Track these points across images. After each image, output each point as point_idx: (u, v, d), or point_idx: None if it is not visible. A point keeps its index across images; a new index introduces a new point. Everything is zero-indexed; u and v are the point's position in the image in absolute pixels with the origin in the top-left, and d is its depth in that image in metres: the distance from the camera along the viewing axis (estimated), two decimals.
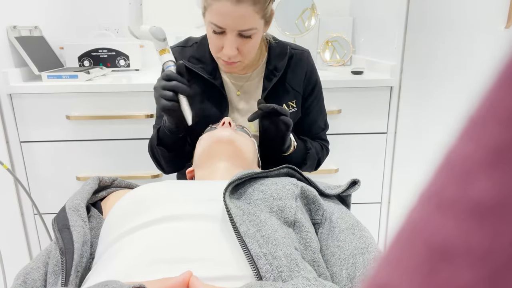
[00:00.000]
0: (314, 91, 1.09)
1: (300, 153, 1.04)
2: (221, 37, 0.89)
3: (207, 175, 0.81)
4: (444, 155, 0.14)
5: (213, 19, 0.86)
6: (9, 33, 1.36)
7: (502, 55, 0.13)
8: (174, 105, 0.88)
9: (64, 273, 0.59)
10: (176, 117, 0.91)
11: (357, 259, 0.60)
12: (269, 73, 1.04)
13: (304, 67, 1.06)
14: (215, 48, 0.93)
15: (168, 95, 0.87)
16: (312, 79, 1.08)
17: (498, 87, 0.12)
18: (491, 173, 0.12)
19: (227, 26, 0.86)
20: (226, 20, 0.85)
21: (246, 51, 0.92)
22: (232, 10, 0.83)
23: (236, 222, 0.57)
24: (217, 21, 0.86)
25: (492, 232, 0.11)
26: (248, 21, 0.86)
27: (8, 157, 1.37)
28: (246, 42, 0.90)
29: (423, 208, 0.14)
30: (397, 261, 0.14)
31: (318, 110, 1.11)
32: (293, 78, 1.05)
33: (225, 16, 0.84)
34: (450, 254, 0.12)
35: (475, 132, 0.13)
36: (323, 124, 1.15)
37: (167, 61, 0.95)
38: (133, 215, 0.63)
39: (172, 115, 0.91)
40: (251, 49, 0.93)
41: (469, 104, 0.14)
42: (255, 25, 0.88)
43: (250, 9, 0.84)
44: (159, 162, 1.05)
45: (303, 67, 1.06)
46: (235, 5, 0.82)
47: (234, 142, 0.83)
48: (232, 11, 0.83)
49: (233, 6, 0.83)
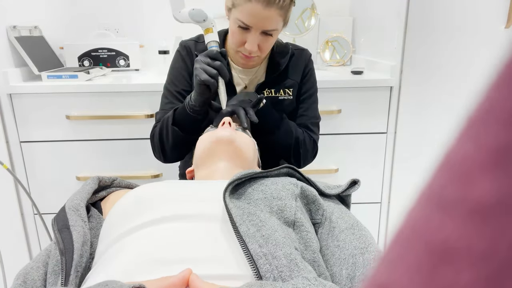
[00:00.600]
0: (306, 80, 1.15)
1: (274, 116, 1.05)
2: (245, 33, 0.98)
3: (207, 175, 0.81)
4: (444, 155, 0.14)
5: (242, 17, 0.95)
6: (9, 33, 1.36)
7: (502, 55, 0.13)
8: (214, 83, 0.92)
9: (64, 273, 0.59)
10: (206, 95, 0.94)
11: (357, 259, 0.60)
12: (272, 67, 1.13)
13: (303, 61, 1.15)
14: (238, 42, 1.01)
15: (212, 72, 0.92)
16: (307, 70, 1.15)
17: (498, 87, 0.12)
18: (491, 173, 0.12)
19: (253, 25, 0.95)
20: (254, 20, 0.94)
21: (265, 48, 1.02)
22: (261, 12, 0.93)
23: (236, 222, 0.57)
24: (246, 19, 0.95)
25: (492, 232, 0.11)
26: (273, 23, 0.96)
27: (8, 157, 1.37)
28: (266, 40, 1.00)
29: (423, 208, 0.14)
30: (397, 261, 0.14)
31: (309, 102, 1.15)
32: (292, 72, 1.14)
33: (254, 17, 0.94)
34: (450, 254, 0.12)
35: (475, 132, 0.13)
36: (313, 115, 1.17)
37: (211, 41, 1.00)
38: (133, 215, 0.63)
39: (205, 93, 0.94)
40: (269, 46, 1.03)
41: (469, 104, 0.14)
42: (277, 26, 0.98)
43: (277, 13, 0.94)
44: (163, 147, 1.05)
45: (302, 62, 1.15)
46: (264, 8, 0.92)
47: (234, 142, 0.83)
48: (261, 13, 0.93)
49: (263, 9, 0.92)
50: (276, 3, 0.92)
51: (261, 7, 0.92)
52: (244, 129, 0.93)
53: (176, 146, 1.03)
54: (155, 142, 1.06)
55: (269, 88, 1.12)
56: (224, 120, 0.90)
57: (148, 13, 1.81)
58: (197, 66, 0.93)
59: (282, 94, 1.12)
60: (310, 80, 1.16)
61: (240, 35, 0.98)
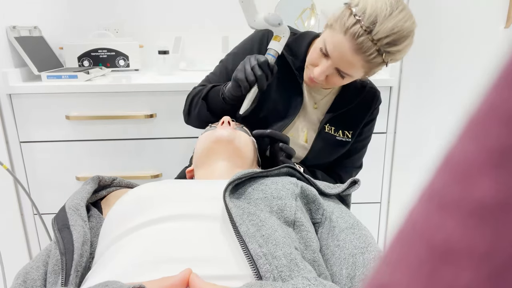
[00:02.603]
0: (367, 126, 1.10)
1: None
2: (322, 57, 0.90)
3: (207, 175, 0.81)
4: (444, 155, 0.14)
5: (328, 44, 0.87)
6: (8, 33, 1.36)
7: (503, 55, 0.13)
8: (246, 87, 0.89)
9: (64, 273, 0.59)
10: (237, 94, 0.92)
11: (357, 258, 0.60)
12: (340, 98, 1.06)
13: (373, 105, 1.08)
14: (311, 61, 0.94)
15: (250, 77, 0.88)
16: (372, 117, 1.10)
17: (499, 87, 0.12)
18: (493, 173, 0.12)
19: (333, 58, 0.88)
20: (336, 55, 0.86)
21: (332, 82, 0.94)
22: (347, 53, 0.84)
23: (236, 222, 0.57)
24: (330, 49, 0.87)
25: (493, 232, 0.11)
26: (352, 69, 0.88)
27: (7, 157, 1.37)
28: (337, 77, 0.91)
29: (423, 208, 0.14)
30: (398, 261, 0.14)
31: (359, 147, 1.11)
32: (358, 111, 1.06)
33: (338, 52, 0.85)
34: (451, 254, 0.12)
35: (476, 132, 0.13)
36: (358, 162, 1.14)
37: (272, 48, 0.95)
38: (133, 215, 0.63)
39: (236, 90, 0.92)
40: (337, 83, 0.95)
41: (469, 104, 0.14)
42: (354, 74, 0.90)
43: (360, 64, 0.85)
44: (190, 111, 1.06)
45: (372, 104, 1.08)
46: (352, 52, 0.83)
47: (234, 141, 0.83)
48: (346, 54, 0.84)
49: (350, 52, 0.83)
50: (366, 54, 0.82)
51: (349, 49, 0.83)
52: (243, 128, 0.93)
53: (199, 117, 1.04)
54: (186, 103, 1.08)
55: (330, 124, 1.05)
56: (223, 119, 0.90)
57: (148, 13, 1.81)
58: (243, 62, 0.92)
59: (340, 135, 1.05)
60: (370, 129, 1.11)
61: (317, 57, 0.91)
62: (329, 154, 1.07)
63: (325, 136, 1.04)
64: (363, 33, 0.80)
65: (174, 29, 1.80)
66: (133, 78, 1.50)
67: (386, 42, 0.81)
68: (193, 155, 0.94)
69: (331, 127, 1.05)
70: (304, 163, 1.07)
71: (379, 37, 0.80)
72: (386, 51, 0.83)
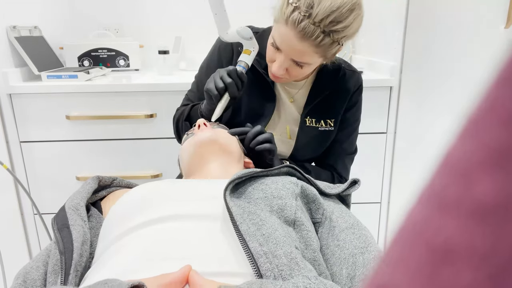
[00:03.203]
0: (351, 110, 1.07)
1: None
2: (276, 52, 0.90)
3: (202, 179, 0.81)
4: (444, 155, 0.14)
5: (275, 37, 0.87)
6: (9, 33, 1.36)
7: (502, 55, 0.13)
8: (217, 96, 0.90)
9: (63, 272, 0.59)
10: (211, 105, 0.93)
11: (357, 258, 0.60)
12: (317, 87, 1.03)
13: (352, 88, 1.05)
14: (268, 58, 0.94)
15: (219, 86, 0.89)
16: (354, 99, 1.06)
17: (499, 87, 0.12)
18: (493, 173, 0.12)
19: (283, 51, 0.87)
20: (285, 47, 0.86)
21: (294, 75, 0.93)
22: (294, 42, 0.83)
23: (237, 221, 0.57)
24: (278, 42, 0.86)
25: (494, 232, 0.11)
26: (305, 57, 0.86)
27: (8, 157, 1.37)
28: (296, 68, 0.90)
29: (423, 208, 0.14)
30: (398, 262, 0.14)
31: (349, 131, 1.09)
32: (338, 97, 1.04)
33: (286, 43, 0.85)
34: (451, 254, 0.12)
35: (476, 132, 0.13)
36: (350, 148, 1.12)
37: (241, 60, 0.97)
38: (133, 214, 0.63)
39: (209, 102, 0.93)
40: (299, 75, 0.93)
41: (469, 104, 0.14)
42: (310, 61, 0.87)
43: (311, 49, 0.83)
44: (179, 134, 1.09)
45: (350, 88, 1.04)
46: (298, 40, 0.82)
47: (217, 140, 0.83)
48: (293, 43, 0.83)
49: (296, 40, 0.82)
50: (311, 39, 0.80)
51: (294, 37, 0.81)
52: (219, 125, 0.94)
53: None
54: (174, 126, 1.10)
55: (311, 117, 1.03)
56: (198, 123, 0.89)
57: (148, 13, 1.81)
58: (213, 74, 0.93)
59: (323, 125, 1.04)
60: (355, 113, 1.08)
61: (272, 53, 0.91)
62: (316, 147, 1.07)
63: (307, 129, 1.04)
64: (302, 19, 0.79)
65: (174, 29, 1.80)
66: (133, 78, 1.50)
67: (328, 21, 0.79)
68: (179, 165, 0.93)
69: (312, 119, 1.04)
70: (293, 159, 1.07)
71: (320, 18, 0.78)
72: (332, 31, 0.80)
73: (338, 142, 1.08)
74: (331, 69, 1.02)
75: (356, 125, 1.10)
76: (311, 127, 1.04)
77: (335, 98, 1.04)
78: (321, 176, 1.07)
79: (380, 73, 1.51)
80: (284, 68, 0.90)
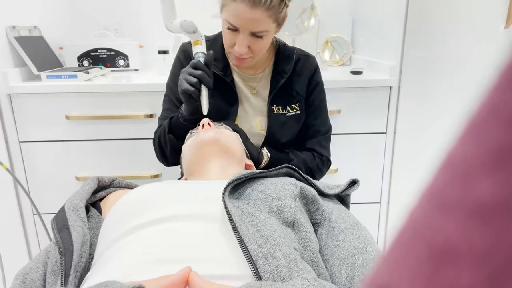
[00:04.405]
0: (314, 92, 1.11)
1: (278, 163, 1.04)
2: (235, 34, 0.95)
3: (203, 179, 0.81)
4: (445, 155, 0.14)
5: (228, 18, 0.92)
6: (8, 33, 1.36)
7: (504, 56, 0.13)
8: (195, 92, 0.92)
9: (63, 273, 0.59)
10: (192, 104, 0.94)
11: (356, 259, 0.60)
12: (276, 74, 1.09)
13: (309, 71, 1.10)
14: (228, 43, 0.98)
15: (192, 81, 0.91)
16: (314, 82, 1.11)
17: (500, 87, 0.12)
18: (493, 173, 0.12)
19: (240, 26, 0.92)
20: (240, 21, 0.91)
21: (257, 50, 0.97)
22: (246, 13, 0.88)
23: (236, 222, 0.57)
24: (232, 20, 0.91)
25: (494, 233, 0.11)
26: (261, 24, 0.91)
27: (7, 157, 1.37)
28: (257, 42, 0.95)
29: (424, 208, 0.14)
30: (398, 262, 0.14)
31: (317, 113, 1.12)
32: (298, 82, 1.09)
33: (240, 17, 0.90)
34: (451, 254, 0.12)
35: (477, 132, 0.13)
36: (324, 127, 1.14)
37: (197, 52, 0.99)
38: (133, 215, 0.63)
39: (190, 102, 0.94)
40: (262, 47, 0.98)
41: (469, 104, 0.14)
42: (267, 28, 0.93)
43: (264, 14, 0.89)
44: (164, 153, 1.07)
45: (307, 71, 1.10)
46: (250, 8, 0.88)
47: (220, 140, 0.84)
48: (246, 14, 0.89)
49: (248, 10, 0.88)
50: (262, 3, 0.87)
51: (245, 7, 0.88)
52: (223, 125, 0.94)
53: (175, 152, 1.04)
54: (156, 148, 1.09)
55: (277, 105, 1.08)
56: (202, 122, 0.90)
57: (148, 13, 1.81)
58: (180, 77, 0.95)
59: (289, 111, 1.08)
60: (319, 94, 1.12)
61: (230, 36, 0.96)
62: (287, 133, 1.09)
63: (275, 117, 1.07)
64: None
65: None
66: (133, 78, 1.50)
67: None
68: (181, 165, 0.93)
69: (278, 106, 1.08)
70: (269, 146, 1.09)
71: None
72: None
73: (311, 126, 1.12)
74: (286, 56, 1.09)
75: (323, 105, 1.14)
76: (279, 114, 1.08)
77: (296, 83, 1.09)
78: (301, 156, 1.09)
79: (379, 73, 1.51)
80: (246, 46, 0.95)
